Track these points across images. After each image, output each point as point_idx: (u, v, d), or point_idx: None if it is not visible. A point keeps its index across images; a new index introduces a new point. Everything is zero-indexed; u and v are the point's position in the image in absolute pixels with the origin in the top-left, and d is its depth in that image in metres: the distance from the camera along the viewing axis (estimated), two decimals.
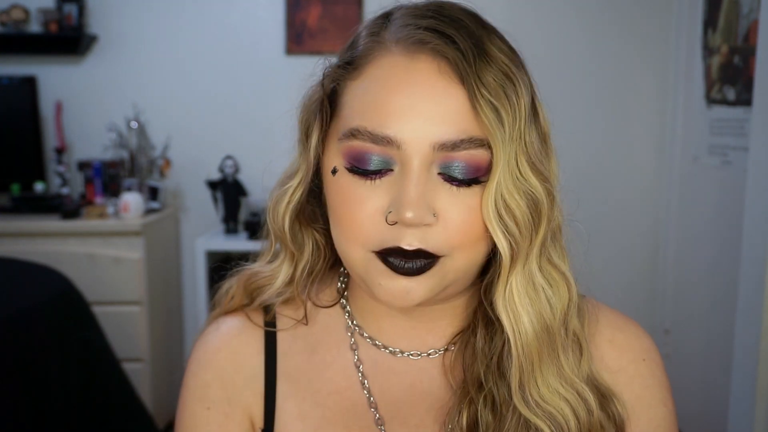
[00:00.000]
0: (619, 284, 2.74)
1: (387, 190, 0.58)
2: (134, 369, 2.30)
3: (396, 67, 0.59)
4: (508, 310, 0.60)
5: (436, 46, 0.58)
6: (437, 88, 0.57)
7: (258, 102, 2.71)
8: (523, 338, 0.59)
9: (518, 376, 0.60)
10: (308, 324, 0.71)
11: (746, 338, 1.63)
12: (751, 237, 1.63)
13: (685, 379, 2.45)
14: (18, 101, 2.60)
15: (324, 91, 0.63)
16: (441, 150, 0.57)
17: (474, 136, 0.57)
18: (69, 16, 2.59)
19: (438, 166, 0.57)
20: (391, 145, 0.57)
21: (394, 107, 0.57)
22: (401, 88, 0.57)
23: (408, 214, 0.55)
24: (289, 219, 0.66)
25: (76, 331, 1.73)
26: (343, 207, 0.60)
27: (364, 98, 0.59)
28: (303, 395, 0.68)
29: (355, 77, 0.61)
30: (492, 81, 0.57)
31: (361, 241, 0.59)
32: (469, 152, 0.57)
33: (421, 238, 0.57)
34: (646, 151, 2.79)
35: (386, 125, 0.57)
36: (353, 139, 0.58)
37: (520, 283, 0.59)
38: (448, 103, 0.57)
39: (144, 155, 2.57)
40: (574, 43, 2.74)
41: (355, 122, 0.59)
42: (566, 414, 0.61)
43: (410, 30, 0.59)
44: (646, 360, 0.69)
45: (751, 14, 2.10)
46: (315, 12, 2.72)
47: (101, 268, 2.35)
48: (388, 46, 0.60)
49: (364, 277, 0.61)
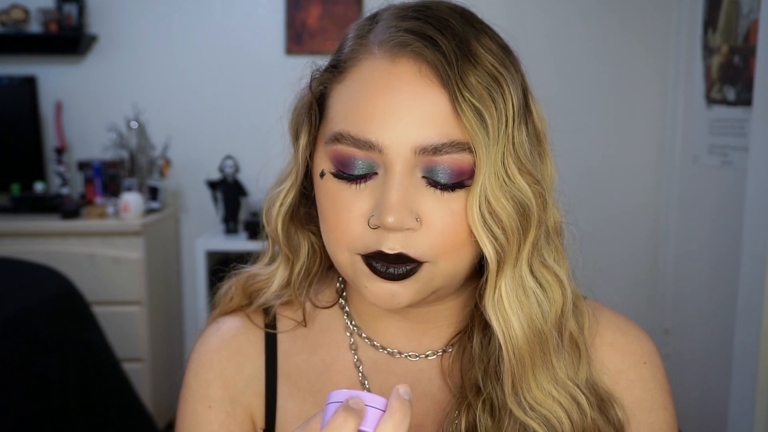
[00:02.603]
0: (618, 284, 2.74)
1: (371, 194, 0.58)
2: (134, 369, 2.30)
3: (377, 71, 0.58)
4: (497, 314, 0.59)
5: (416, 48, 0.57)
6: (418, 92, 0.56)
7: (258, 102, 2.71)
8: (514, 342, 0.58)
9: (511, 379, 0.60)
10: (308, 325, 0.71)
11: (746, 338, 1.63)
12: (751, 237, 1.63)
13: (685, 380, 2.45)
14: (18, 101, 2.60)
15: (312, 94, 0.63)
16: (423, 154, 0.56)
17: (456, 140, 0.56)
18: (69, 16, 2.59)
19: (421, 169, 0.57)
20: (373, 149, 0.56)
21: (376, 111, 0.56)
22: (382, 92, 0.57)
23: (389, 218, 0.55)
24: (282, 221, 0.67)
25: (76, 331, 1.73)
26: (330, 211, 0.60)
27: (348, 102, 0.59)
28: (303, 395, 0.68)
29: (340, 80, 0.61)
30: (476, 83, 0.55)
31: (346, 244, 0.59)
32: (452, 156, 0.56)
33: (404, 242, 0.56)
34: (646, 151, 2.79)
35: (368, 130, 0.56)
36: (338, 144, 0.58)
37: (510, 287, 0.58)
38: (429, 107, 0.56)
39: (144, 155, 2.57)
40: (574, 43, 2.74)
41: (339, 126, 0.58)
42: (560, 416, 0.60)
43: (392, 32, 0.59)
44: (647, 363, 0.68)
45: (751, 14, 2.10)
46: (315, 12, 2.72)
47: (101, 268, 2.35)
48: (371, 49, 0.59)
49: (353, 279, 0.61)
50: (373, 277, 0.59)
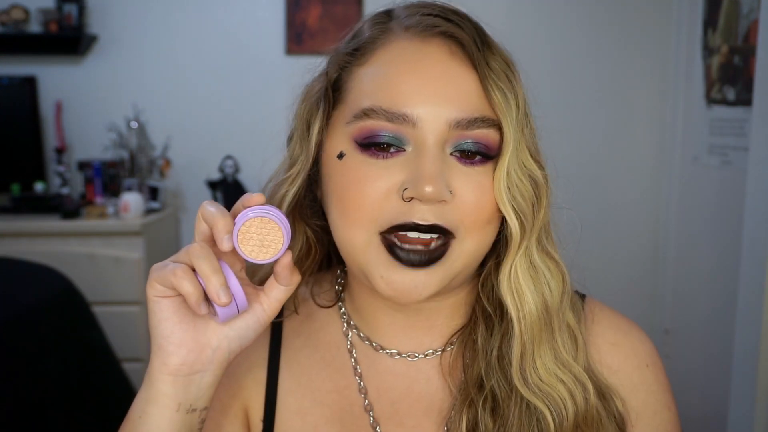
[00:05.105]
0: (618, 284, 2.74)
1: (400, 169, 0.58)
2: (134, 369, 2.30)
3: (408, 50, 0.60)
4: (513, 289, 0.61)
5: (446, 29, 0.60)
6: (450, 70, 0.59)
7: (258, 102, 2.71)
8: (527, 317, 0.61)
9: (519, 357, 0.61)
10: (309, 321, 0.72)
11: (746, 338, 1.63)
12: (751, 237, 1.63)
13: (685, 379, 2.45)
14: (18, 101, 2.60)
15: (328, 80, 0.64)
16: (456, 128, 0.58)
17: (486, 115, 0.59)
18: (69, 16, 2.59)
19: (451, 145, 0.59)
20: (406, 122, 0.58)
21: (409, 87, 0.58)
22: (415, 69, 0.59)
23: (427, 188, 0.56)
24: (288, 205, 0.66)
25: (76, 331, 1.73)
26: (351, 187, 0.59)
27: (376, 80, 0.60)
28: (303, 392, 0.68)
29: (362, 63, 0.62)
30: (497, 68, 0.59)
31: (366, 220, 0.59)
32: (482, 131, 0.59)
33: (437, 214, 0.58)
34: (646, 152, 2.79)
35: (402, 103, 0.58)
36: (366, 119, 0.59)
37: (523, 263, 0.61)
38: (461, 84, 0.59)
39: (144, 155, 2.57)
40: (573, 43, 2.74)
41: (368, 102, 0.59)
42: (564, 396, 0.61)
43: (419, 17, 0.61)
44: (650, 366, 0.69)
45: (751, 14, 2.10)
46: (315, 12, 2.72)
47: (101, 268, 2.35)
48: (397, 33, 0.62)
49: (365, 267, 0.60)
50: (392, 266, 0.59)
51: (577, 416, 0.61)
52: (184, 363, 0.56)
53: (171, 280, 0.53)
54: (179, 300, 0.56)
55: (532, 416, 0.61)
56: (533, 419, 0.61)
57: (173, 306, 0.55)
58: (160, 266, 0.55)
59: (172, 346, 0.55)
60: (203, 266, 0.53)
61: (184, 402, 0.56)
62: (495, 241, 0.63)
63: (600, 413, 0.63)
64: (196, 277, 0.54)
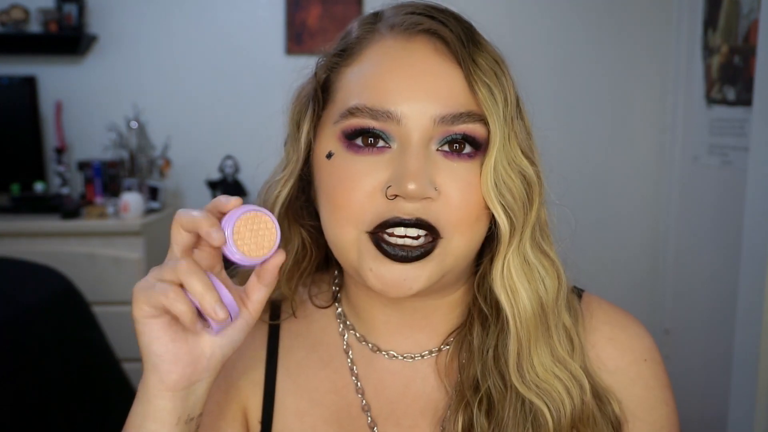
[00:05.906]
0: (618, 284, 2.74)
1: (385, 167, 0.58)
2: (134, 369, 2.30)
3: (393, 48, 0.61)
4: (506, 287, 0.61)
5: (431, 26, 0.60)
6: (434, 67, 0.59)
7: (258, 102, 2.70)
8: (522, 315, 0.60)
9: (516, 356, 0.61)
10: (306, 322, 0.72)
11: (746, 338, 1.63)
12: (752, 237, 1.63)
13: (685, 379, 2.44)
14: (18, 101, 2.60)
15: (317, 81, 0.64)
16: (441, 124, 0.58)
17: (472, 110, 0.59)
18: (69, 16, 2.59)
19: (437, 142, 0.59)
20: (391, 119, 0.58)
21: (394, 84, 0.58)
22: (399, 67, 0.59)
23: (410, 185, 0.55)
24: (282, 205, 0.66)
25: (76, 331, 1.73)
26: (339, 187, 0.60)
27: (362, 79, 0.60)
28: (301, 393, 0.68)
29: (349, 63, 0.62)
30: (484, 64, 0.59)
31: (354, 219, 0.59)
32: (468, 125, 0.58)
33: (422, 211, 0.57)
34: (646, 151, 2.79)
35: (386, 101, 0.58)
36: (352, 117, 0.59)
37: (516, 260, 0.61)
38: (445, 80, 0.59)
39: (144, 155, 2.57)
40: (573, 43, 2.74)
41: (353, 101, 0.59)
42: (561, 393, 0.61)
43: (404, 16, 0.62)
44: (647, 360, 0.68)
45: (751, 14, 2.10)
46: (315, 12, 2.72)
47: (101, 268, 2.35)
48: (382, 32, 0.62)
49: (356, 263, 0.60)
50: (380, 259, 0.58)
51: (574, 413, 0.61)
52: (181, 378, 0.55)
53: (162, 302, 0.52)
54: (168, 318, 0.54)
55: (528, 416, 0.61)
56: (528, 419, 0.61)
57: (164, 325, 0.54)
58: (145, 286, 0.54)
59: (168, 364, 0.55)
60: (195, 285, 0.52)
61: (183, 414, 0.56)
62: (490, 239, 0.63)
63: (595, 413, 0.63)
64: (186, 296, 0.52)
